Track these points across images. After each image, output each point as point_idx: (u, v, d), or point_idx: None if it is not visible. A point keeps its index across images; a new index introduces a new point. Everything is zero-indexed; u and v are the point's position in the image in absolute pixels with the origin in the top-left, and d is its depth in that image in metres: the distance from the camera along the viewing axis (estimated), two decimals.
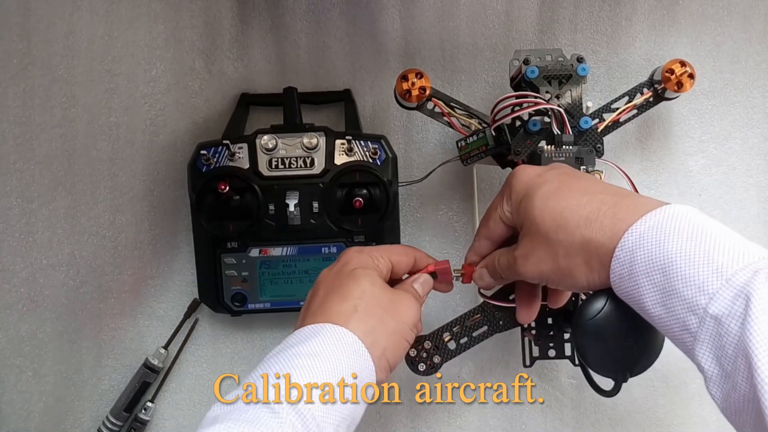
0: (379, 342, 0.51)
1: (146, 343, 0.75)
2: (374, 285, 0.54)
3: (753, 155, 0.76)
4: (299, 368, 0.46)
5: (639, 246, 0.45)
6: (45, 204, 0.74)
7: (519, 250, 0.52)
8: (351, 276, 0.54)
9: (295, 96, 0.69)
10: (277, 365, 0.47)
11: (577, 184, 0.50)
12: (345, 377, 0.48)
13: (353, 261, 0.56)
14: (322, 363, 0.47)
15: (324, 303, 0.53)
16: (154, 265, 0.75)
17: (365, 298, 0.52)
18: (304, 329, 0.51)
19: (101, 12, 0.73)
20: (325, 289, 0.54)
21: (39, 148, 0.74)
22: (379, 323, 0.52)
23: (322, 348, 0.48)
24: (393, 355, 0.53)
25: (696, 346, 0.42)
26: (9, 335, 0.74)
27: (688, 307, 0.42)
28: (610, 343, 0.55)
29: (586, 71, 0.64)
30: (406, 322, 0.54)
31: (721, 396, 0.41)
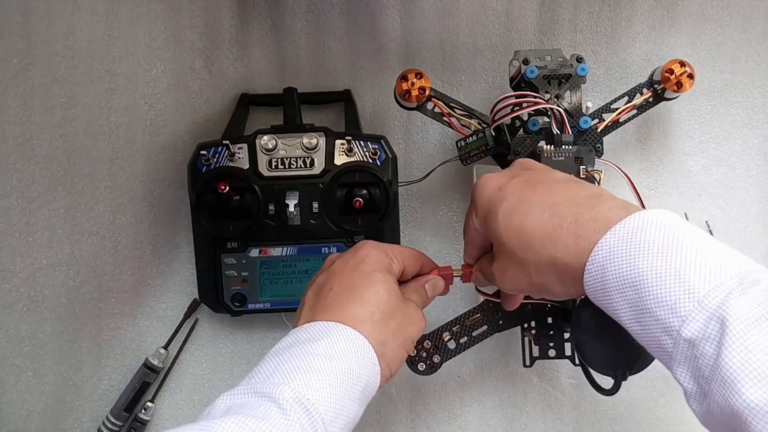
0: (387, 353, 0.51)
1: (146, 343, 0.75)
2: (391, 295, 0.53)
3: (753, 155, 0.76)
4: (312, 369, 0.46)
5: (609, 261, 0.43)
6: (45, 204, 0.74)
7: (495, 266, 0.52)
8: (369, 279, 0.53)
9: (295, 96, 0.69)
10: (289, 362, 0.47)
11: (535, 196, 0.49)
12: (354, 381, 0.48)
13: (370, 259, 0.55)
14: (334, 365, 0.47)
15: (338, 300, 0.52)
16: (154, 265, 0.75)
17: (382, 309, 0.52)
18: (316, 325, 0.50)
19: (101, 12, 0.73)
20: (340, 284, 0.53)
21: (39, 148, 0.74)
22: (391, 336, 0.52)
23: (335, 350, 0.48)
24: (395, 365, 0.53)
25: (673, 364, 0.41)
26: (9, 335, 0.74)
27: (662, 328, 0.41)
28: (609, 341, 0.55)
29: (585, 71, 0.64)
30: (412, 338, 0.55)
31: (700, 411, 0.41)
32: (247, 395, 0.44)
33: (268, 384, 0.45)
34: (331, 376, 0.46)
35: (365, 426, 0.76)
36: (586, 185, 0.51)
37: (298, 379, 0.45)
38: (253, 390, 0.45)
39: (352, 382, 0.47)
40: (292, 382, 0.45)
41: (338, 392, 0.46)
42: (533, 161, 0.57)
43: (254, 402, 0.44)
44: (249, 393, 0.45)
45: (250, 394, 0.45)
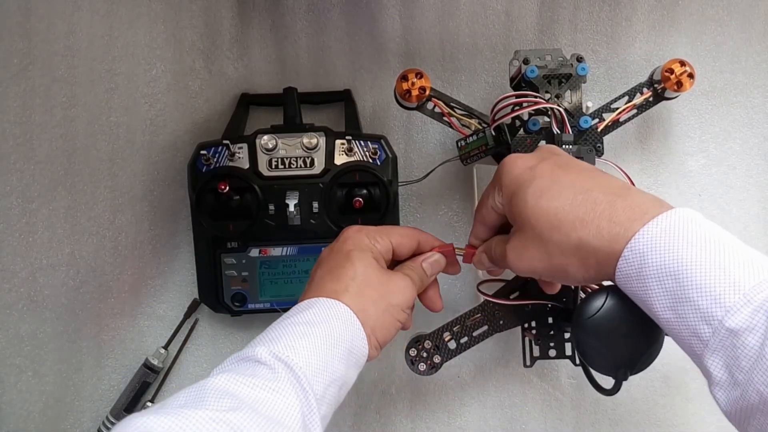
0: (369, 320, 0.53)
1: (146, 343, 0.75)
2: (367, 267, 0.55)
3: (753, 155, 0.76)
4: (293, 335, 0.49)
5: (650, 249, 0.44)
6: (45, 204, 0.74)
7: (511, 244, 0.52)
8: (346, 257, 0.55)
9: (295, 96, 0.69)
10: (272, 332, 0.50)
11: (567, 179, 0.50)
12: (336, 342, 0.50)
13: (350, 241, 0.57)
14: (315, 329, 0.49)
15: (320, 281, 0.55)
16: (154, 265, 0.75)
17: (357, 279, 0.54)
18: (300, 304, 0.53)
19: (101, 12, 0.74)
20: (323, 268, 0.56)
21: (39, 147, 0.74)
22: (371, 303, 0.53)
23: (315, 316, 0.51)
24: (382, 333, 0.54)
25: (706, 352, 0.42)
26: (9, 335, 0.74)
27: (702, 316, 0.42)
28: (609, 341, 0.55)
29: (585, 71, 0.64)
30: (397, 304, 0.55)
31: (726, 400, 0.42)
32: (234, 362, 0.48)
33: (252, 349, 0.48)
34: (312, 338, 0.49)
35: (365, 426, 0.76)
36: (615, 177, 0.51)
37: (278, 343, 0.48)
38: (238, 358, 0.48)
39: (335, 342, 0.50)
40: (272, 345, 0.48)
41: (321, 351, 0.48)
42: (558, 148, 0.57)
43: (241, 365, 0.47)
44: (235, 361, 0.48)
45: (236, 361, 0.48)
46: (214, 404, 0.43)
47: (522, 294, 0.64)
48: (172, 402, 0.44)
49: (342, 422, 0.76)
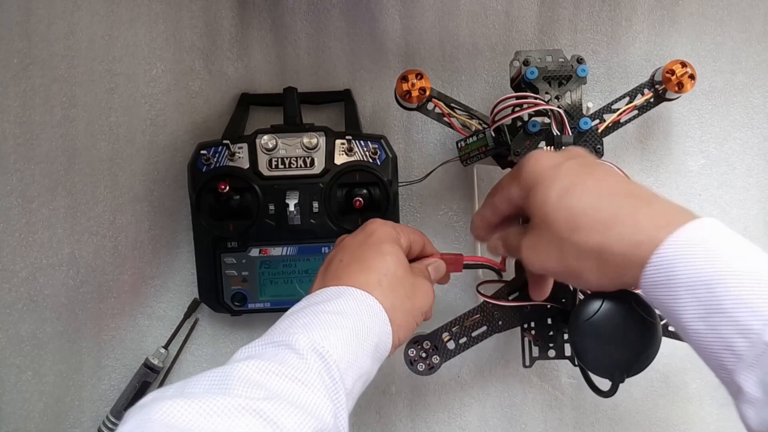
0: (396, 319, 0.52)
1: (146, 343, 0.75)
2: (399, 265, 0.54)
3: (753, 155, 0.76)
4: (325, 323, 0.47)
5: (681, 257, 0.43)
6: (45, 204, 0.74)
7: (527, 240, 0.51)
8: (378, 249, 0.54)
9: (295, 96, 0.69)
10: (303, 318, 0.48)
11: (593, 181, 0.49)
12: (367, 335, 0.48)
13: (379, 233, 0.56)
14: (347, 321, 0.48)
15: (348, 269, 0.53)
16: (154, 265, 0.75)
17: (389, 277, 0.53)
18: (327, 290, 0.51)
19: (101, 12, 0.74)
20: (350, 256, 0.54)
21: (39, 147, 0.74)
22: (400, 303, 0.52)
23: (347, 307, 0.49)
24: (404, 334, 0.53)
25: (740, 367, 0.41)
26: (9, 335, 0.74)
27: (738, 329, 0.41)
28: (606, 344, 0.55)
29: (585, 72, 0.64)
30: (420, 307, 0.55)
31: (758, 420, 0.40)
32: (264, 346, 0.46)
33: (284, 335, 0.46)
34: (345, 330, 0.47)
35: (365, 426, 0.76)
36: (640, 184, 0.51)
37: (312, 331, 0.46)
38: (270, 341, 0.46)
39: (365, 336, 0.48)
40: (308, 333, 0.46)
41: (352, 344, 0.47)
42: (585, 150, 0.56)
43: (271, 350, 0.45)
44: (265, 344, 0.46)
45: (266, 344, 0.46)
46: (242, 392, 0.40)
47: (521, 295, 0.64)
48: (194, 385, 0.41)
49: None
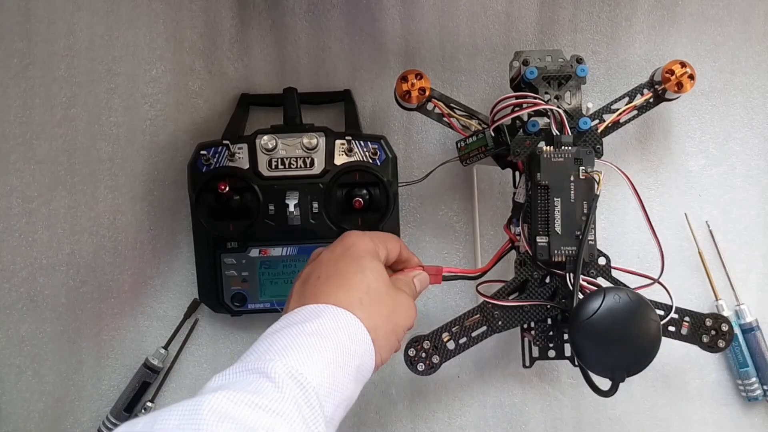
0: (379, 339, 0.51)
1: (146, 343, 0.75)
2: (380, 281, 0.53)
3: (753, 155, 0.76)
4: (304, 346, 0.46)
5: None
6: (45, 203, 0.74)
7: None
8: (357, 264, 0.53)
9: (295, 96, 0.69)
10: (281, 341, 0.46)
11: None
12: (348, 359, 0.47)
13: (357, 246, 0.55)
14: (327, 343, 0.47)
15: (326, 285, 0.52)
16: (154, 265, 0.75)
17: (371, 295, 0.52)
18: (305, 308, 0.50)
19: (101, 12, 0.74)
20: (327, 272, 0.53)
21: (39, 147, 0.74)
22: (382, 322, 0.52)
23: (327, 329, 0.48)
24: (387, 353, 0.53)
25: None
26: (9, 335, 0.74)
27: None
28: (606, 343, 0.55)
29: (585, 72, 0.64)
30: (403, 325, 0.55)
31: None
32: (239, 373, 0.44)
33: (259, 361, 0.44)
34: (325, 353, 0.46)
35: (365, 426, 0.76)
36: None
37: (290, 356, 0.45)
38: (245, 368, 0.44)
39: (346, 360, 0.47)
40: (285, 358, 0.44)
41: (332, 368, 0.46)
42: None
43: (246, 378, 0.43)
44: (240, 371, 0.44)
45: (241, 372, 0.44)
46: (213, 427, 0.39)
47: (521, 295, 0.65)
48: (164, 420, 0.39)
49: (342, 423, 0.76)
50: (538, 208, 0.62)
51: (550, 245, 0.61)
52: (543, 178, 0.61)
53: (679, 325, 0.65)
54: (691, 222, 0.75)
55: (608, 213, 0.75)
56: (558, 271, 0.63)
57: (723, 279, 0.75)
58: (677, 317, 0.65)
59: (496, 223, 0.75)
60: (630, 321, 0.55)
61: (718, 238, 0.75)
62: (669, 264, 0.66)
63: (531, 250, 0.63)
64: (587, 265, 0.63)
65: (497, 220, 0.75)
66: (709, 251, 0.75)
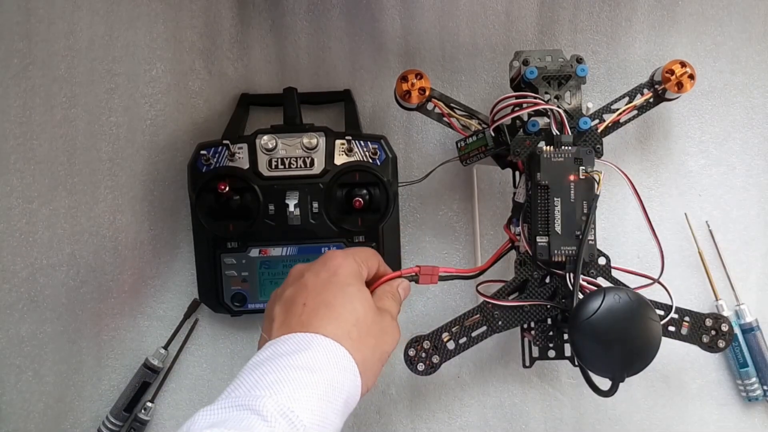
0: (366, 370, 0.51)
1: (146, 343, 0.75)
2: (367, 309, 0.53)
3: (753, 155, 0.76)
4: (294, 381, 0.45)
5: None
6: (45, 204, 0.74)
7: None
8: (345, 293, 0.53)
9: (295, 96, 0.69)
10: (270, 374, 0.45)
11: None
12: (337, 394, 0.47)
13: (343, 271, 0.54)
14: (317, 377, 0.46)
15: (315, 315, 0.51)
16: (154, 265, 0.75)
17: (359, 326, 0.51)
18: (294, 338, 0.49)
19: (101, 12, 0.74)
20: (314, 299, 0.52)
21: (39, 147, 0.74)
22: (370, 353, 0.51)
23: (317, 362, 0.47)
24: (372, 382, 0.52)
25: None
26: (9, 335, 0.74)
27: None
28: (606, 343, 0.55)
29: (585, 72, 0.64)
30: (388, 351, 0.54)
31: None
32: (229, 409, 0.43)
33: (249, 397, 0.44)
34: (315, 388, 0.45)
35: (365, 426, 0.76)
36: None
37: (281, 392, 0.44)
38: (234, 404, 0.44)
39: (335, 395, 0.47)
40: (275, 395, 0.44)
41: (322, 404, 0.45)
42: None
43: (236, 416, 0.43)
44: (230, 407, 0.44)
45: (231, 408, 0.43)
46: None
47: (521, 295, 0.65)
48: None
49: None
50: (538, 208, 0.62)
51: (550, 245, 0.61)
52: (543, 178, 0.61)
53: (679, 325, 0.65)
54: (691, 222, 0.75)
55: (608, 213, 0.75)
56: (558, 271, 0.63)
57: (723, 279, 0.75)
58: (677, 317, 0.65)
59: (496, 223, 0.75)
60: (630, 321, 0.55)
61: (718, 238, 0.75)
62: (669, 264, 0.66)
63: (531, 250, 0.63)
64: (587, 265, 0.63)
65: (497, 220, 0.75)
66: (709, 251, 0.75)
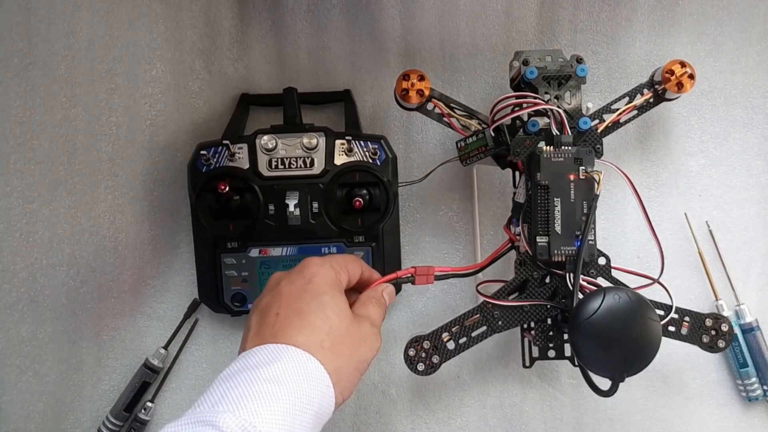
0: (341, 381, 0.50)
1: (146, 343, 0.75)
2: (342, 318, 0.52)
3: (753, 155, 0.76)
4: (260, 395, 0.45)
5: None
6: (45, 204, 0.74)
7: None
8: (318, 302, 0.52)
9: (295, 96, 0.69)
10: (236, 389, 0.45)
11: None
12: (306, 406, 0.46)
13: (318, 279, 0.53)
14: (284, 390, 0.45)
15: (287, 325, 0.50)
16: (154, 265, 0.75)
17: (333, 335, 0.50)
18: (264, 349, 0.49)
19: (101, 12, 0.74)
20: (287, 308, 0.51)
21: (40, 147, 0.74)
22: (345, 362, 0.51)
23: (285, 374, 0.47)
24: (349, 391, 0.52)
25: None
26: (9, 335, 0.74)
27: None
28: (606, 343, 0.55)
29: (585, 72, 0.64)
30: (366, 360, 0.53)
31: None
32: (192, 425, 0.43)
33: (213, 413, 0.43)
34: (281, 402, 0.45)
35: (365, 426, 0.76)
36: None
37: (244, 407, 0.44)
38: (198, 419, 0.43)
39: (303, 408, 0.46)
40: (238, 410, 0.43)
41: (288, 419, 0.45)
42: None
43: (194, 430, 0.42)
44: (193, 423, 0.43)
45: (194, 424, 0.43)
46: None
47: (521, 295, 0.65)
48: None
49: (342, 423, 0.76)
50: (538, 208, 0.62)
51: (550, 245, 0.61)
52: (543, 178, 0.61)
53: (679, 325, 0.65)
54: (691, 222, 0.75)
55: (608, 213, 0.75)
56: (558, 271, 0.63)
57: (723, 279, 0.75)
58: (677, 317, 0.65)
59: (496, 223, 0.75)
60: (630, 321, 0.55)
61: (718, 238, 0.75)
62: (669, 264, 0.66)
63: (531, 250, 0.63)
64: (587, 265, 0.63)
65: (497, 220, 0.75)
66: (709, 251, 0.75)
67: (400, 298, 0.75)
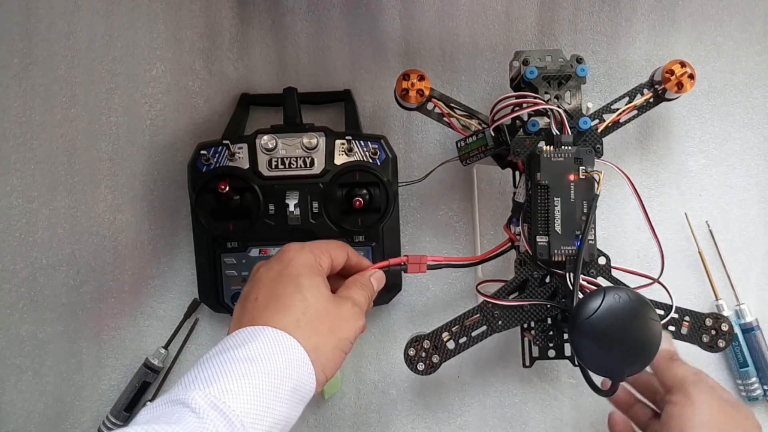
0: (320, 358, 0.51)
1: (146, 343, 0.75)
2: (319, 298, 0.53)
3: (753, 155, 0.76)
4: (231, 373, 0.46)
5: None
6: (45, 204, 0.74)
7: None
8: (295, 284, 0.53)
9: (295, 96, 0.69)
10: (210, 369, 0.46)
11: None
12: (281, 382, 0.47)
13: (295, 262, 0.54)
14: (257, 367, 0.46)
15: (264, 309, 0.51)
16: (154, 265, 0.75)
17: (309, 313, 0.51)
18: (241, 332, 0.50)
19: (101, 12, 0.74)
20: (265, 293, 0.53)
21: (40, 147, 0.74)
22: (323, 340, 0.51)
23: (260, 352, 0.48)
24: (331, 369, 0.52)
25: None
26: (9, 335, 0.74)
27: None
28: (606, 343, 0.55)
29: (585, 72, 0.64)
30: (347, 338, 0.54)
31: None
32: (165, 405, 0.45)
33: (184, 392, 0.45)
34: (254, 379, 0.46)
35: (365, 426, 0.76)
36: None
37: (215, 385, 0.45)
38: (171, 399, 0.45)
39: (278, 384, 0.47)
40: (208, 388, 0.45)
41: (262, 393, 0.46)
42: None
43: (171, 410, 0.44)
44: (167, 403, 0.45)
45: (168, 403, 0.45)
46: None
47: (521, 295, 0.65)
48: None
49: (342, 422, 0.76)
50: (538, 208, 0.62)
51: (550, 245, 0.61)
52: (543, 177, 0.61)
53: (679, 324, 0.65)
54: (691, 222, 0.75)
55: (608, 213, 0.75)
56: (558, 271, 0.63)
57: (723, 279, 0.75)
58: (677, 317, 0.65)
59: (496, 223, 0.75)
60: (630, 321, 0.55)
61: (718, 238, 0.75)
62: (669, 264, 0.66)
63: (531, 249, 0.63)
64: (587, 264, 0.63)
65: (497, 220, 0.75)
66: (709, 251, 0.75)
67: (400, 298, 0.75)
